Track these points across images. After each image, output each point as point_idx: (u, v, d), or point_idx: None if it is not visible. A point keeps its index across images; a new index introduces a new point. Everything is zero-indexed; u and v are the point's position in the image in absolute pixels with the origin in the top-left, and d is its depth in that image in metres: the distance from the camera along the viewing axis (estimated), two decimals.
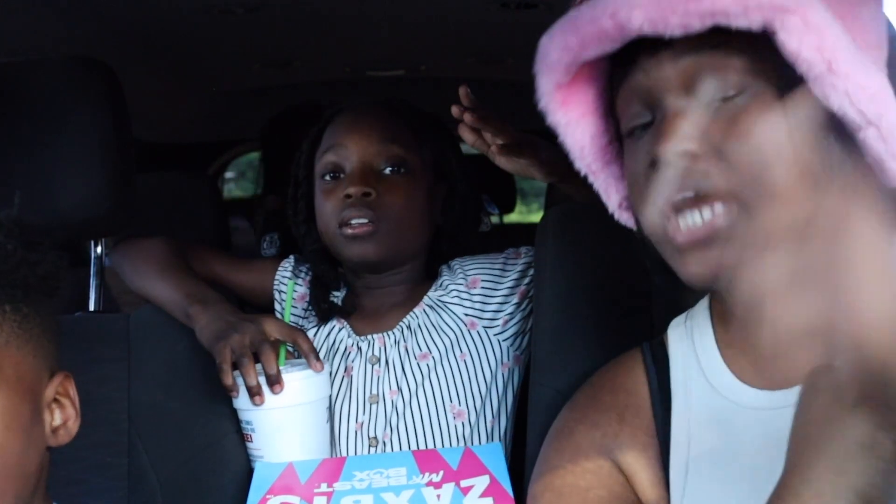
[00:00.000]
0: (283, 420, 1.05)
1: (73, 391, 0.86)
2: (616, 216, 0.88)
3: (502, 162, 1.15)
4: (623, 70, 0.77)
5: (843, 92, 0.67)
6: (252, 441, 1.06)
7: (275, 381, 1.02)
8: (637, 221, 0.83)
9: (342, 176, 1.20)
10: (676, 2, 0.67)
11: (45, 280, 0.84)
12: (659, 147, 0.72)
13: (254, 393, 1.02)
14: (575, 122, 0.83)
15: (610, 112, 0.83)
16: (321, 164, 1.22)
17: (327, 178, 1.21)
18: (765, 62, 0.71)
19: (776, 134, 0.70)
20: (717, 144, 0.72)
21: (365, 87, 2.29)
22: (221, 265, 1.31)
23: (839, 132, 0.70)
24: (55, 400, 0.84)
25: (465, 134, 1.14)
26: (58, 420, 0.84)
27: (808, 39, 0.66)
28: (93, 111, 1.11)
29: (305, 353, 1.07)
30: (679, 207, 0.73)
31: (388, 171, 1.19)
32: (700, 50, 0.72)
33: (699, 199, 0.72)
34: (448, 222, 1.25)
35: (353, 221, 1.16)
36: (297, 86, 1.93)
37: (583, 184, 1.20)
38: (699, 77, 0.72)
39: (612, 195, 0.87)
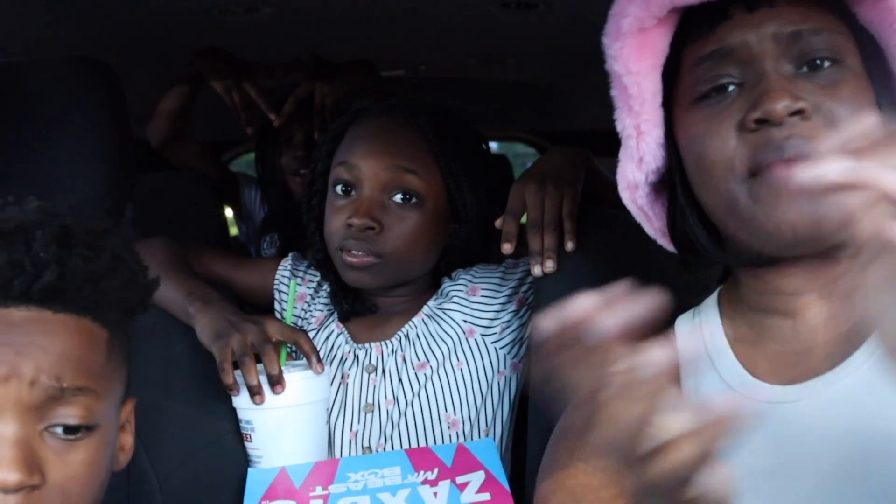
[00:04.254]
0: (283, 420, 1.05)
1: (132, 415, 0.86)
2: (629, 196, 0.84)
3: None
4: (712, 24, 0.74)
5: None
6: (251, 441, 1.06)
7: (277, 381, 1.02)
8: (683, 192, 0.80)
9: (353, 193, 1.16)
10: None
11: (142, 303, 0.83)
12: (772, 104, 0.69)
13: (255, 392, 1.02)
14: (645, 72, 0.79)
15: (664, 73, 0.80)
16: (334, 175, 1.18)
17: (339, 190, 1.17)
18: (852, 35, 0.72)
19: (869, 103, 0.71)
20: (820, 106, 0.70)
21: None
22: (222, 265, 1.30)
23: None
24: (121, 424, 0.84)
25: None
26: (119, 444, 0.83)
27: None
28: (93, 111, 1.11)
29: (307, 354, 1.07)
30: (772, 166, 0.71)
31: (398, 199, 1.15)
32: (801, 13, 0.71)
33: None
34: (455, 241, 1.21)
35: (354, 251, 1.13)
36: (297, 86, 1.92)
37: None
38: (802, 38, 0.71)
39: (647, 161, 0.82)
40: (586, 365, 0.54)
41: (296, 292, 1.24)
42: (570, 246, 1.07)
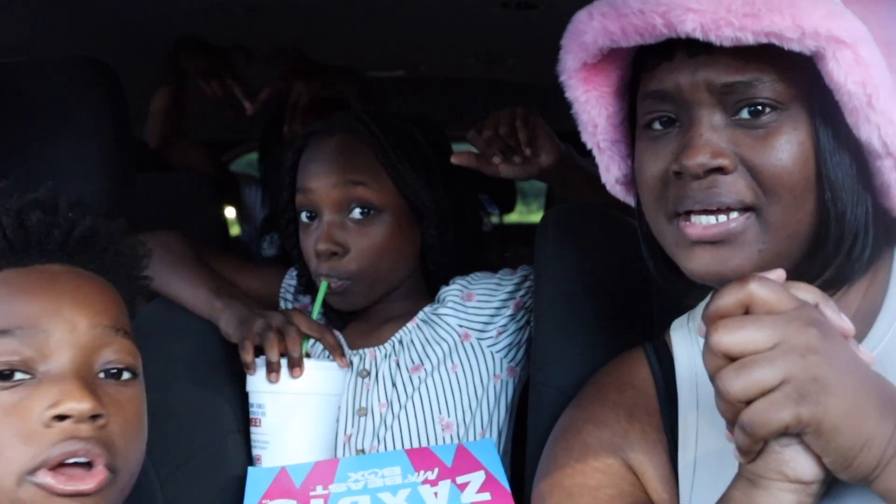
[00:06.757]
0: (296, 406, 1.06)
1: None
2: (609, 187, 0.89)
3: (505, 170, 1.16)
4: (657, 61, 0.76)
5: (875, 125, 0.67)
6: (259, 426, 1.06)
7: (296, 364, 1.04)
8: (638, 208, 0.83)
9: (316, 216, 1.18)
10: (733, 14, 0.67)
11: (139, 282, 0.88)
12: (688, 161, 0.71)
13: (272, 370, 1.04)
14: (595, 100, 0.82)
15: (626, 92, 0.83)
16: (297, 202, 1.21)
17: (304, 217, 1.20)
18: (800, 82, 0.71)
19: (804, 154, 0.71)
20: (746, 160, 0.71)
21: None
22: (229, 266, 1.31)
23: (854, 153, 0.71)
24: None
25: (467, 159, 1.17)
26: None
27: (855, 74, 0.67)
28: (93, 111, 1.11)
29: (332, 349, 1.09)
30: (696, 213, 0.73)
31: (356, 215, 1.16)
32: (741, 62, 0.71)
33: (719, 210, 0.72)
34: (429, 239, 1.21)
35: (327, 277, 1.16)
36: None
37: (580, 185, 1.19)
38: (735, 89, 0.71)
39: (612, 170, 0.87)
40: None
41: (326, 290, 1.21)
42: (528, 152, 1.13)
